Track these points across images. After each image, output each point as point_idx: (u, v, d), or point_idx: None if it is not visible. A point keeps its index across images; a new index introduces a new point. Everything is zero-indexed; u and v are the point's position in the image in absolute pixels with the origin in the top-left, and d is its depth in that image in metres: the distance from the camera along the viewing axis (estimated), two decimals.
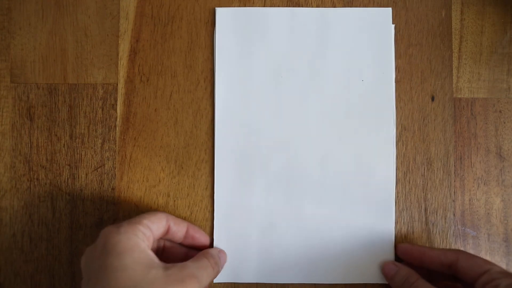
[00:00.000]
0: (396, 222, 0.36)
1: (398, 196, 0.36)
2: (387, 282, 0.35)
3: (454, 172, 0.36)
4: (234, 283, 0.35)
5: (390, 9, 0.36)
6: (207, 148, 0.36)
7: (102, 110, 0.37)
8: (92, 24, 0.37)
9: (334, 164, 0.36)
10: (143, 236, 0.29)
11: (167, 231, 0.32)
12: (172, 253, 0.34)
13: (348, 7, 0.37)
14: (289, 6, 0.37)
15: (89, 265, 0.29)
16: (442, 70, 0.36)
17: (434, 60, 0.36)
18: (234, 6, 0.37)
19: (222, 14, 0.36)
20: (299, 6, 0.37)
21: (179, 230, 0.33)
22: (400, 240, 0.35)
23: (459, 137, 0.36)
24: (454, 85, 0.36)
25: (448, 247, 0.35)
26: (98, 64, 0.37)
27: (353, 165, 0.36)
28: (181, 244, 0.34)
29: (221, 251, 0.34)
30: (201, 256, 0.32)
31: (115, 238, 0.28)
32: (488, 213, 0.36)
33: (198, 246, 0.34)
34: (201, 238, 0.34)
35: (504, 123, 0.36)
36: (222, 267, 0.34)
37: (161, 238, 0.33)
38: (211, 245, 0.35)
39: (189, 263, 0.30)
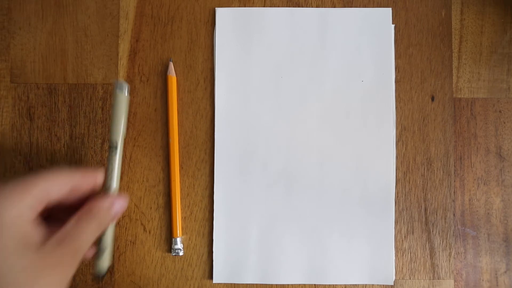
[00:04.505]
0: (396, 222, 0.36)
1: (398, 196, 0.36)
2: (387, 283, 0.35)
3: (454, 172, 0.36)
4: (234, 283, 0.35)
5: (390, 9, 0.36)
6: (207, 148, 0.36)
7: (102, 110, 0.37)
8: (92, 24, 0.37)
9: (334, 164, 0.36)
10: (32, 203, 0.24)
11: (71, 190, 0.27)
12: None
13: (348, 7, 0.37)
14: (289, 6, 0.37)
15: None
16: (442, 70, 0.36)
17: (434, 60, 0.36)
18: (234, 6, 0.37)
19: (222, 14, 0.36)
20: (299, 6, 0.37)
21: (87, 183, 0.28)
22: (400, 240, 0.35)
23: (459, 137, 0.36)
24: (454, 85, 0.36)
25: (448, 247, 0.35)
26: (98, 64, 0.37)
27: (353, 165, 0.36)
28: None
29: (115, 202, 0.28)
30: (83, 216, 0.26)
31: None
32: (488, 213, 0.36)
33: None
34: (95, 179, 0.29)
35: (504, 123, 0.36)
36: (117, 216, 0.29)
37: None
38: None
39: (68, 231, 0.25)
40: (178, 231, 0.35)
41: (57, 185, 0.26)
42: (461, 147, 0.36)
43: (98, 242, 0.30)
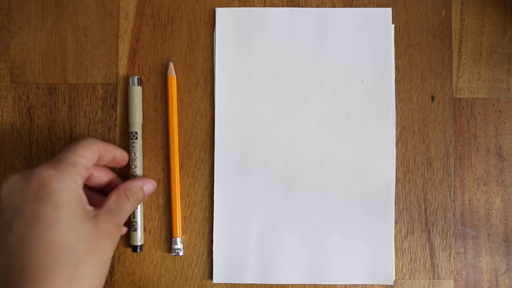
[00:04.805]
0: (396, 222, 0.36)
1: (398, 196, 0.36)
2: (387, 283, 0.35)
3: (454, 172, 0.36)
4: (234, 283, 0.35)
5: (390, 9, 0.36)
6: (207, 148, 0.36)
7: (102, 110, 0.37)
8: (92, 24, 0.37)
9: (334, 164, 0.36)
10: (80, 181, 0.28)
11: (97, 160, 0.31)
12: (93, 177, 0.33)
13: (348, 7, 0.37)
14: (289, 6, 0.37)
15: (16, 205, 0.27)
16: (442, 70, 0.36)
17: (434, 60, 0.36)
18: (234, 6, 0.37)
19: (222, 14, 0.36)
20: (299, 6, 0.37)
21: (107, 156, 0.32)
22: (400, 240, 0.35)
23: (459, 137, 0.36)
24: (454, 85, 0.36)
25: (448, 247, 0.35)
26: (98, 64, 0.37)
27: (353, 165, 0.36)
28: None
29: (146, 182, 0.34)
30: (122, 193, 0.31)
31: (54, 186, 0.27)
32: (488, 213, 0.36)
33: (117, 165, 0.34)
34: (121, 156, 0.34)
35: (504, 123, 0.36)
36: (147, 195, 0.34)
37: None
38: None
39: (112, 205, 0.30)
40: (178, 231, 0.35)
41: (91, 160, 0.30)
42: (461, 147, 0.36)
43: (131, 218, 0.34)
